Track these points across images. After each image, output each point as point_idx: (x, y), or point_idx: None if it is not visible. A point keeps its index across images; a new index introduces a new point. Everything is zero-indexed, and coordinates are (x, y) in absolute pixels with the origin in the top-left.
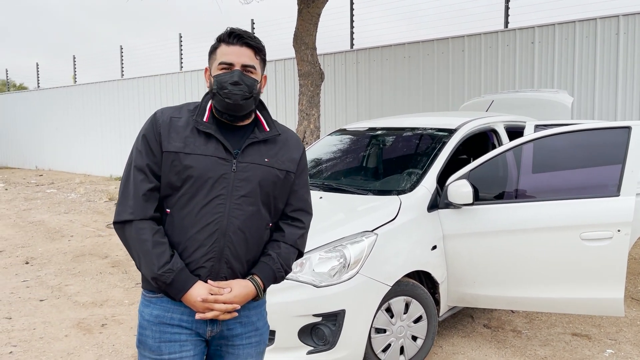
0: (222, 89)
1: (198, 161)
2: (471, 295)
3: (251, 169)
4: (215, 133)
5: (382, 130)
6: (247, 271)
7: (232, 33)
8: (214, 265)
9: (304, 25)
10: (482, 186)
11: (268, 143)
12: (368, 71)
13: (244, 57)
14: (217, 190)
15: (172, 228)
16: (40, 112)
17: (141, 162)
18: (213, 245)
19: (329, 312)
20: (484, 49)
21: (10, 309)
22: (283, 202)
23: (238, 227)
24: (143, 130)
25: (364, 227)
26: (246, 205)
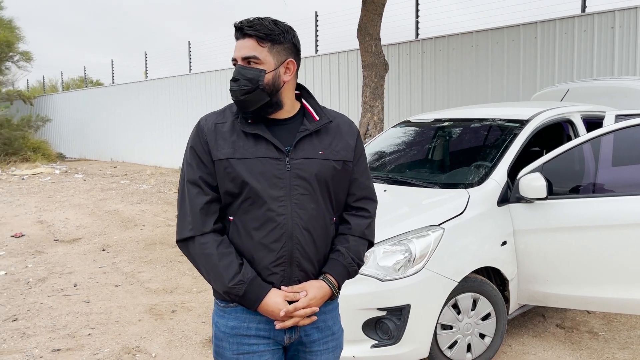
0: (230, 88)
1: (250, 165)
2: (543, 293)
3: (306, 164)
4: (262, 133)
5: (448, 122)
6: (319, 271)
7: (235, 27)
8: (285, 270)
9: (368, 15)
10: (557, 180)
11: (320, 133)
12: (433, 61)
13: (244, 49)
14: (275, 192)
15: (238, 235)
16: (115, 106)
17: (193, 175)
18: (282, 249)
19: (394, 306)
20: (559, 36)
21: (89, 293)
22: (345, 193)
23: (303, 227)
24: (190, 141)
25: (430, 221)
26: (307, 203)
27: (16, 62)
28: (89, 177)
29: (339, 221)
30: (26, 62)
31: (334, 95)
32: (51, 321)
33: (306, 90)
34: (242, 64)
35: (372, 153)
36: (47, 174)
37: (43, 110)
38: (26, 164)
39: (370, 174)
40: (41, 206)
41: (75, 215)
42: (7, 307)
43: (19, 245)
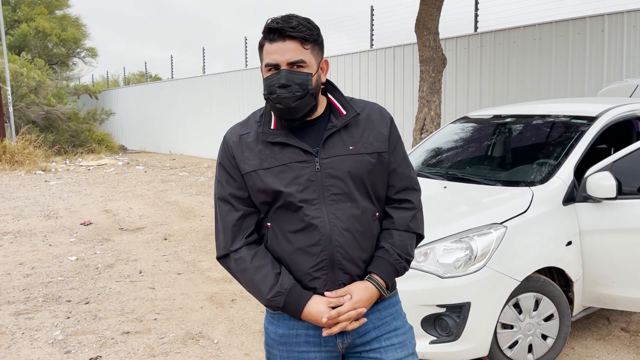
0: (271, 93)
1: (279, 173)
2: (609, 296)
3: (337, 162)
4: (287, 139)
5: (510, 118)
6: (365, 271)
7: (271, 28)
8: (327, 274)
9: (427, 9)
10: (627, 179)
11: (349, 127)
12: (493, 55)
13: (289, 53)
14: (308, 196)
15: (277, 241)
16: (173, 100)
17: (222, 192)
18: (321, 253)
19: (454, 303)
20: (627, 29)
21: (153, 280)
22: (384, 186)
23: (343, 228)
24: (218, 157)
25: (493, 219)
26: (344, 203)
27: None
28: (149, 169)
29: (383, 216)
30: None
31: (389, 89)
32: (120, 305)
33: (330, 84)
34: (287, 68)
35: (431, 149)
36: (110, 165)
37: (106, 104)
38: (91, 156)
39: (410, 162)
40: (106, 196)
41: (138, 205)
42: (80, 290)
43: (88, 232)
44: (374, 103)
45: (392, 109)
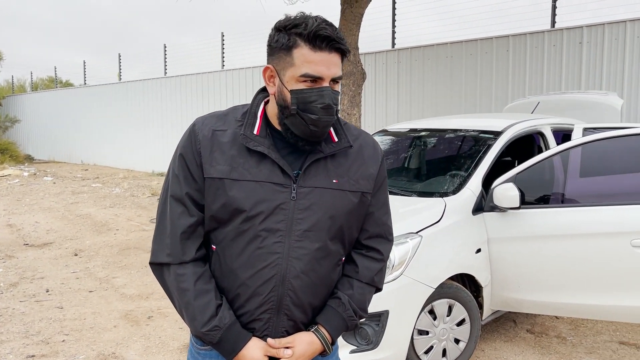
0: (307, 111)
1: (248, 189)
2: (515, 299)
3: (316, 195)
4: (269, 152)
5: (424, 132)
6: (312, 319)
7: (321, 35)
8: (271, 318)
9: (346, 25)
10: (529, 190)
11: (337, 157)
12: (409, 71)
13: (335, 67)
14: (273, 225)
15: (220, 270)
16: (86, 108)
17: (179, 190)
18: (270, 294)
19: (373, 312)
20: (530, 49)
21: (62, 299)
22: (359, 229)
23: (301, 271)
24: (180, 147)
25: (408, 229)
26: (310, 242)
27: None
28: (59, 180)
29: (346, 259)
30: None
31: None
32: (24, 327)
33: None
34: (329, 86)
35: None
36: (15, 176)
37: (11, 110)
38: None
39: (389, 208)
40: (10, 209)
41: (45, 219)
42: None
43: None
44: (367, 134)
45: None
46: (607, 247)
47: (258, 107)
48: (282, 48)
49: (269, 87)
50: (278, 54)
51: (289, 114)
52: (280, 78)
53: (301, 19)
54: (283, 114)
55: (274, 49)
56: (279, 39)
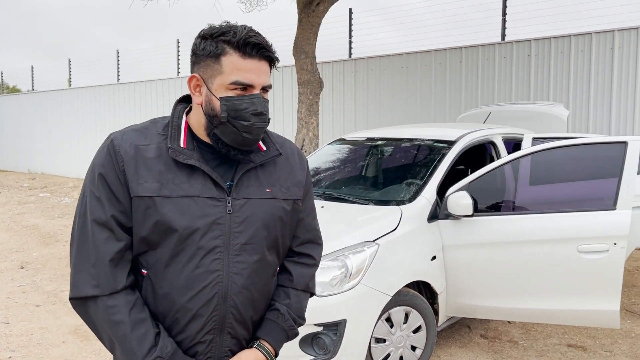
0: (239, 119)
1: (182, 206)
2: (469, 305)
3: (251, 206)
4: (200, 164)
5: (381, 141)
6: (253, 333)
7: (251, 42)
8: (214, 339)
9: (304, 34)
10: (481, 198)
11: (266, 166)
12: (366, 80)
13: (264, 75)
14: (211, 242)
15: (154, 296)
16: (34, 115)
17: (102, 214)
18: (212, 314)
19: (331, 321)
20: (482, 61)
21: (7, 314)
22: (291, 237)
23: (242, 286)
24: (97, 165)
25: (366, 237)
26: (249, 255)
27: None
28: (4, 190)
29: (280, 269)
30: None
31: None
32: None
33: None
34: (260, 93)
35: (309, 169)
36: None
37: None
38: None
39: (316, 212)
40: None
41: None
42: None
43: None
44: (290, 142)
45: (272, 128)
46: (556, 253)
47: (180, 118)
48: (209, 56)
49: (195, 97)
50: (205, 62)
51: (218, 123)
52: (208, 87)
53: (229, 27)
54: (212, 123)
55: (200, 57)
56: (205, 47)
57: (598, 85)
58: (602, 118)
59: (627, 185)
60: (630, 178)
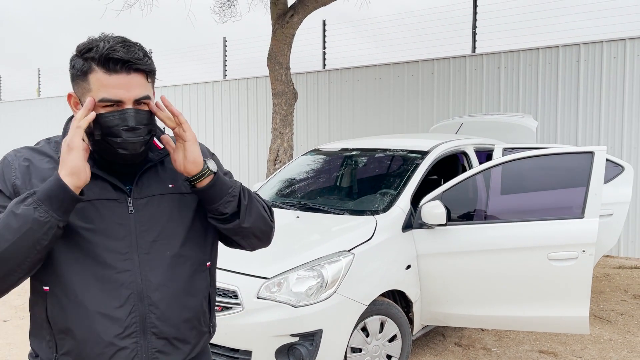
0: (111, 135)
1: (80, 211)
2: (443, 314)
3: (154, 203)
4: (95, 170)
5: (355, 151)
6: (190, 333)
7: (113, 57)
8: (137, 342)
9: (278, 45)
10: (455, 207)
11: (165, 163)
12: (340, 91)
13: (136, 88)
14: (116, 243)
15: (62, 310)
16: (1, 125)
17: None
18: (130, 316)
19: (307, 332)
20: (453, 73)
21: None
22: (213, 231)
23: (159, 283)
24: None
25: (341, 247)
26: (161, 252)
27: None
28: None
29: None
30: None
31: (243, 120)
32: None
33: None
34: (132, 107)
35: (284, 180)
36: None
37: None
38: None
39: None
40: None
41: None
42: None
43: None
44: None
45: (247, 139)
46: (526, 261)
47: None
48: (78, 74)
49: (76, 114)
50: (76, 80)
51: (94, 141)
52: (81, 104)
53: (95, 41)
54: (95, 144)
55: (72, 75)
56: (75, 65)
57: (565, 97)
58: (569, 129)
59: (594, 194)
60: (597, 187)
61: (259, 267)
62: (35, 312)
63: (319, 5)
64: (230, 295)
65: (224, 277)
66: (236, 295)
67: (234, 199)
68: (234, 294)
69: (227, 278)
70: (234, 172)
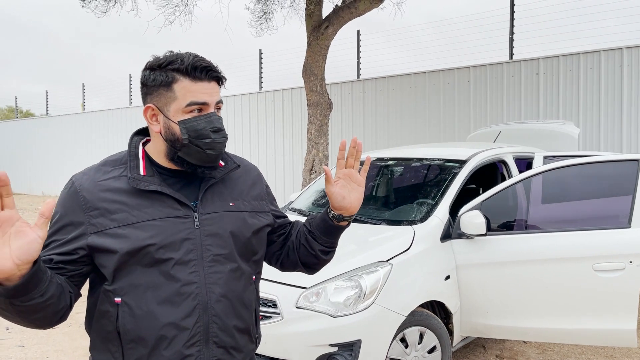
0: (201, 137)
1: (151, 229)
2: (484, 325)
3: (217, 219)
4: (162, 188)
5: (391, 161)
6: (243, 343)
7: (198, 66)
8: (201, 350)
9: (313, 56)
10: (494, 217)
11: (227, 182)
12: (374, 101)
13: (216, 94)
14: (184, 257)
15: (134, 319)
16: (49, 138)
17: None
18: (196, 325)
19: (345, 342)
20: (490, 80)
21: (22, 337)
22: (263, 246)
23: (220, 294)
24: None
25: (379, 257)
26: (223, 265)
27: None
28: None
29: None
30: None
31: (278, 131)
32: None
33: None
34: (213, 111)
35: (320, 189)
36: None
37: None
38: None
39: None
40: None
41: None
42: None
43: None
44: (248, 160)
45: (282, 149)
46: (571, 272)
47: (137, 148)
48: (161, 85)
49: (153, 126)
50: (157, 91)
51: (181, 146)
52: (164, 114)
53: (175, 56)
54: (175, 147)
55: (151, 87)
56: (156, 77)
57: (608, 103)
58: (613, 135)
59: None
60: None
61: (297, 276)
62: (102, 325)
63: (353, 16)
64: (269, 305)
65: (264, 286)
66: (275, 304)
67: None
68: (274, 303)
69: (266, 287)
70: (270, 182)
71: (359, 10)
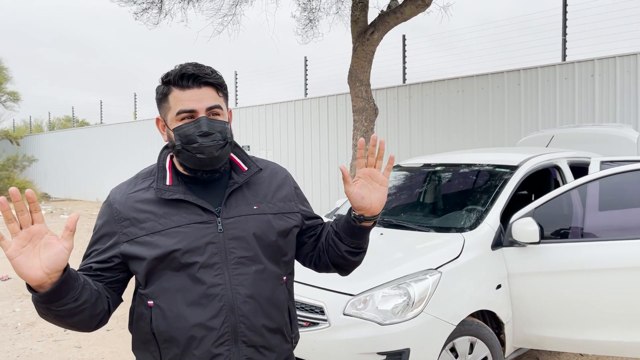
0: (189, 143)
1: (177, 236)
2: (538, 336)
3: (241, 223)
4: (185, 196)
5: (438, 167)
6: (275, 342)
7: (185, 74)
8: (230, 349)
9: (358, 62)
10: (548, 224)
11: (251, 185)
12: (421, 106)
13: (207, 99)
14: (209, 260)
15: (166, 321)
16: (102, 146)
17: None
18: (223, 325)
19: (394, 350)
20: (541, 83)
21: (79, 338)
22: (292, 247)
23: (247, 295)
24: (98, 217)
25: (428, 265)
26: (247, 267)
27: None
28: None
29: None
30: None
31: (323, 137)
32: None
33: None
34: (205, 115)
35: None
36: None
37: (29, 150)
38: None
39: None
40: None
41: None
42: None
43: (6, 288)
44: (276, 164)
45: (327, 155)
46: (630, 282)
47: (165, 160)
48: (161, 98)
49: (163, 136)
50: (160, 104)
51: (177, 152)
52: (166, 124)
53: (172, 69)
54: (177, 154)
55: (157, 100)
56: (158, 91)
57: None
58: None
59: None
60: None
61: (344, 283)
62: (140, 327)
63: (399, 21)
64: (317, 311)
65: (311, 292)
66: (323, 311)
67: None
68: (321, 310)
69: (313, 294)
70: (315, 188)
71: (405, 15)
